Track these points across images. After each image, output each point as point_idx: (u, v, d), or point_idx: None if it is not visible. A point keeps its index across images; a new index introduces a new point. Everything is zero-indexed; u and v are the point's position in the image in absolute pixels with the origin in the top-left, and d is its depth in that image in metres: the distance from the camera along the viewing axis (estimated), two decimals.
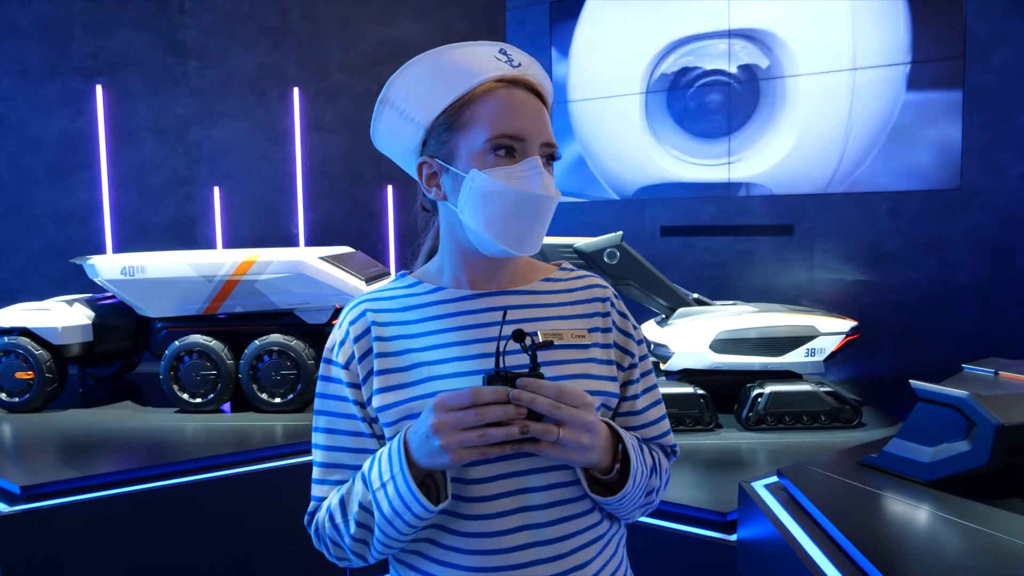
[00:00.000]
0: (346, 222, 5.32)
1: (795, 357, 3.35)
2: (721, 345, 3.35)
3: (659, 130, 4.84)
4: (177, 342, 3.50)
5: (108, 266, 3.52)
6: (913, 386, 2.14)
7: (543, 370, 0.87)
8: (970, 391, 1.99)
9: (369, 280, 3.67)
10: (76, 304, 3.67)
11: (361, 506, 0.90)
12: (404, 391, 0.94)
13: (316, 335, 3.68)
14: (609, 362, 1.01)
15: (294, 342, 3.48)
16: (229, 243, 5.23)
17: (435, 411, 0.82)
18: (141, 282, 3.50)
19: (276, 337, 3.49)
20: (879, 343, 4.17)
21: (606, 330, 1.02)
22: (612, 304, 1.05)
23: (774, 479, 2.35)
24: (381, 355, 0.96)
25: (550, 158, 0.97)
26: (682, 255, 4.74)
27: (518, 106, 0.94)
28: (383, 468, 0.88)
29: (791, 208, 4.47)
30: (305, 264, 3.43)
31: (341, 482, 0.97)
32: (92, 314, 3.66)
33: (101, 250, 5.08)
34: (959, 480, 2.02)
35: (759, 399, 3.25)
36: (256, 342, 3.49)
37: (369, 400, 0.96)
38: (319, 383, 1.01)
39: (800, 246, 4.45)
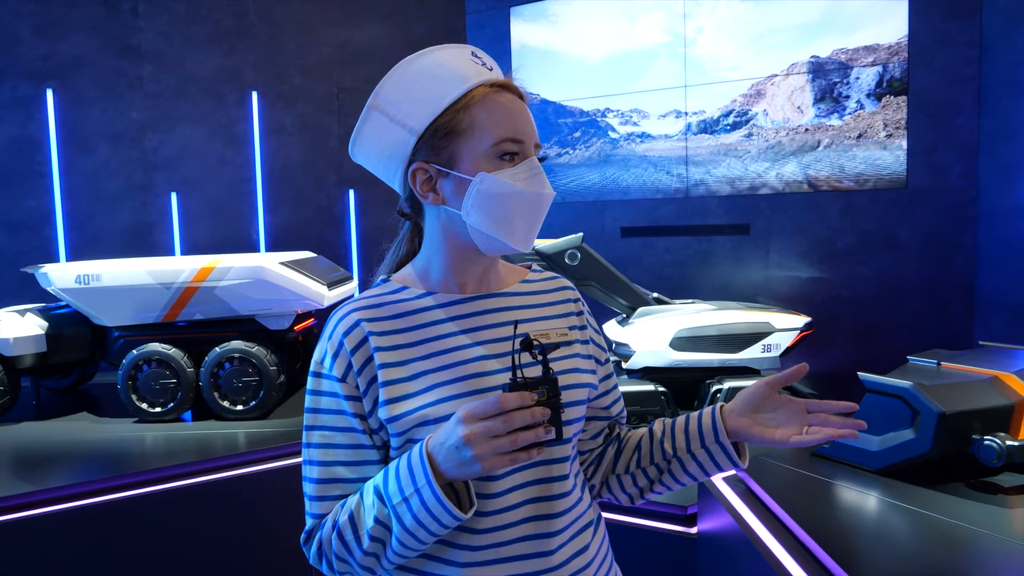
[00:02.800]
0: (307, 227, 5.28)
1: (752, 353, 3.43)
2: (681, 343, 3.42)
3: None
4: (135, 351, 3.44)
5: (62, 275, 3.45)
6: (861, 378, 2.23)
7: (539, 369, 0.91)
8: (914, 381, 2.07)
9: (331, 285, 3.65)
10: (28, 314, 3.58)
11: (377, 520, 0.89)
12: (412, 400, 0.94)
13: (278, 341, 3.65)
14: (588, 356, 1.08)
15: (256, 348, 3.45)
16: (188, 250, 5.14)
17: (465, 422, 0.82)
18: (97, 290, 3.43)
19: (237, 344, 3.45)
20: (832, 338, 4.30)
21: (582, 327, 1.10)
22: (582, 303, 1.13)
23: (731, 472, 2.42)
24: (384, 365, 0.95)
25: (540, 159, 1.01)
26: (642, 255, 4.82)
27: (514, 110, 0.97)
28: (403, 481, 0.88)
29: (747, 208, 4.58)
30: (266, 270, 3.40)
31: (342, 497, 0.96)
32: (45, 324, 3.57)
33: (54, 259, 4.95)
34: (905, 467, 2.11)
35: (718, 395, 3.33)
36: (217, 349, 3.45)
37: (371, 411, 0.95)
38: (310, 397, 0.98)
39: (756, 245, 4.57)
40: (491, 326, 1.00)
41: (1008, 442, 1.94)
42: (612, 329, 3.68)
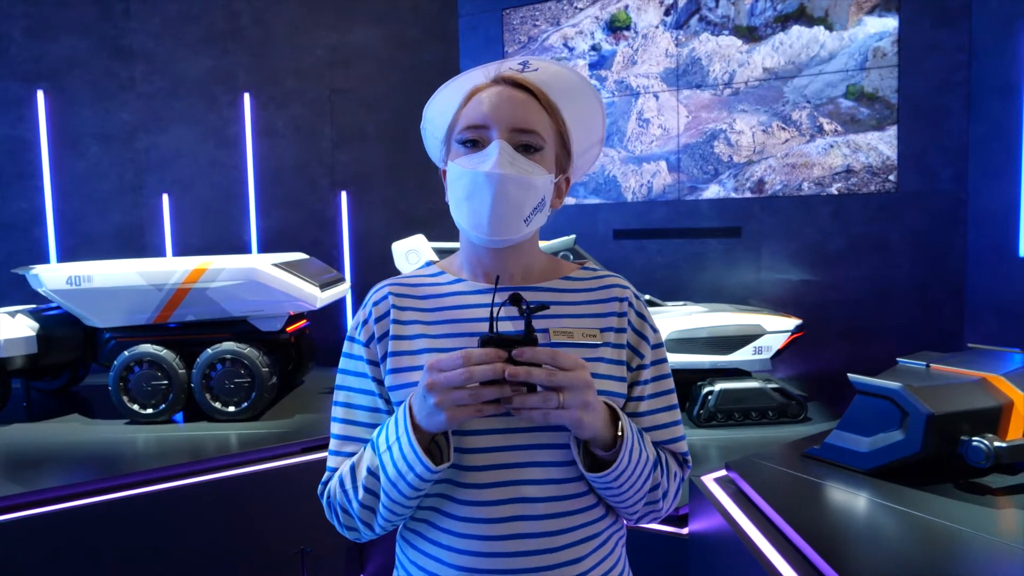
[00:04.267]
0: (300, 229, 5.27)
1: (743, 355, 3.45)
2: (672, 345, 3.44)
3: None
4: (127, 352, 3.43)
5: (53, 276, 3.43)
6: (851, 379, 2.24)
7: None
8: (903, 383, 2.09)
9: (324, 286, 3.65)
10: (19, 315, 3.56)
11: (369, 471, 0.94)
12: (413, 373, 0.99)
13: (270, 343, 3.64)
14: (619, 362, 1.02)
15: (248, 350, 3.44)
16: (180, 251, 5.13)
17: (428, 371, 0.86)
18: (88, 292, 3.42)
19: (229, 345, 3.44)
20: (823, 340, 4.32)
21: (620, 330, 1.04)
22: (631, 304, 1.07)
23: (723, 473, 2.43)
24: (396, 337, 1.02)
25: (528, 148, 0.98)
26: (635, 257, 4.83)
27: (489, 99, 0.99)
28: (389, 431, 0.93)
29: (739, 211, 4.60)
30: (258, 271, 3.40)
31: (354, 454, 1.02)
32: (36, 325, 3.55)
33: (45, 260, 4.93)
34: (895, 468, 2.12)
35: (709, 396, 3.34)
36: (209, 350, 3.44)
37: (385, 379, 1.01)
38: (342, 359, 1.07)
39: (748, 247, 4.59)
40: (509, 318, 1.01)
41: (996, 443, 1.95)
42: None
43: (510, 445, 0.94)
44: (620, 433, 0.94)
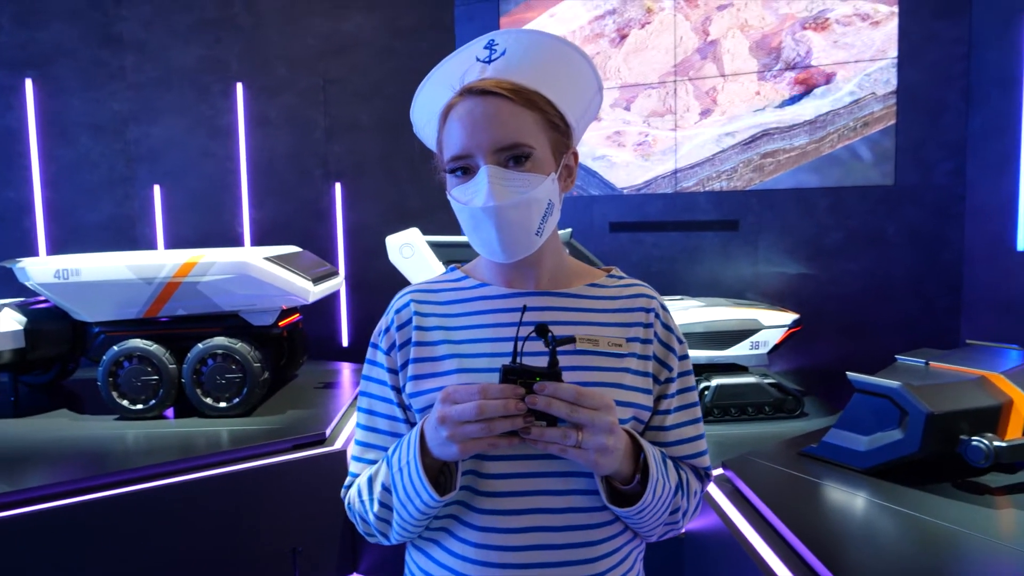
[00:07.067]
0: (293, 221, 5.22)
1: (740, 350, 3.43)
2: None
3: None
4: (116, 347, 3.39)
5: (40, 269, 3.38)
6: (849, 378, 2.22)
7: (578, 375, 0.91)
8: (902, 381, 2.07)
9: (317, 280, 3.61)
10: (6, 309, 3.52)
11: (384, 487, 0.94)
12: (434, 380, 0.97)
13: (262, 337, 3.60)
14: (645, 374, 0.99)
15: (239, 345, 3.40)
16: (171, 244, 5.08)
17: (441, 402, 0.85)
18: (76, 285, 3.37)
19: (220, 340, 3.40)
20: (820, 335, 4.30)
21: (646, 341, 1.01)
22: (657, 315, 1.03)
23: (719, 471, 2.41)
24: (418, 344, 1.00)
25: (519, 158, 0.93)
26: (631, 251, 4.80)
27: (461, 124, 0.94)
28: (402, 453, 0.92)
29: (736, 204, 4.56)
30: (250, 265, 3.35)
31: (375, 461, 1.02)
32: (24, 319, 3.50)
33: (33, 252, 4.87)
34: (893, 467, 2.11)
35: (706, 392, 3.32)
36: (199, 345, 3.40)
37: (404, 387, 0.99)
38: (365, 366, 1.06)
39: (745, 241, 4.56)
40: (533, 323, 0.97)
41: (995, 443, 1.93)
42: None
43: (531, 455, 0.92)
44: (643, 471, 0.91)
